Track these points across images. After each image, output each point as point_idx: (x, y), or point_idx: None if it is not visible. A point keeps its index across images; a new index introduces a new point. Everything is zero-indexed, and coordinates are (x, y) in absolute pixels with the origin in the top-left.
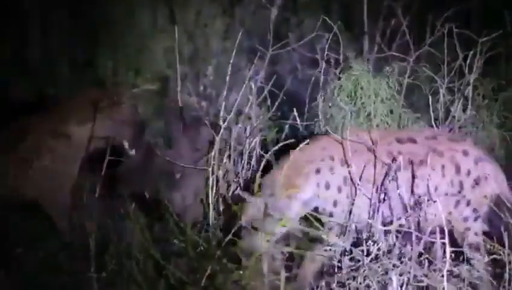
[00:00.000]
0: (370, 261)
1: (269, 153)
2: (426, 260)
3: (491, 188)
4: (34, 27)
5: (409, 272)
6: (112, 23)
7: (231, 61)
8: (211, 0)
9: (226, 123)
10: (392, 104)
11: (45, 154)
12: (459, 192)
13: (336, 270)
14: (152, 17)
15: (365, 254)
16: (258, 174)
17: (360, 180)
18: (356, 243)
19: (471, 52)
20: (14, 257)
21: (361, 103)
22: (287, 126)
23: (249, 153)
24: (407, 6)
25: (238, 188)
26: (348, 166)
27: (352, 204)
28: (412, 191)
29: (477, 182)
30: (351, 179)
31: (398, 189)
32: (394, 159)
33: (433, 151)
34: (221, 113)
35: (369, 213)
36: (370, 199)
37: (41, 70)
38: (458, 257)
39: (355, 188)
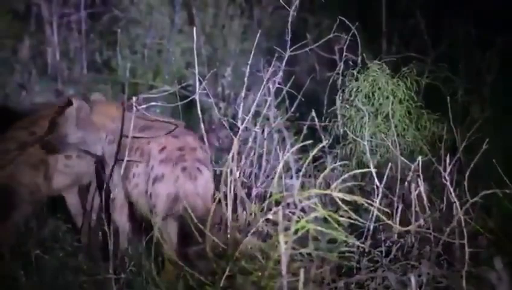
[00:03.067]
0: (389, 262)
1: (287, 153)
2: (445, 261)
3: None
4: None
5: (428, 273)
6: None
7: (249, 62)
8: (229, 2)
9: (244, 124)
10: (410, 105)
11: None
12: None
13: (355, 271)
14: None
15: (384, 254)
16: None
17: None
18: (375, 244)
19: (489, 53)
20: (33, 258)
21: (379, 104)
22: (305, 127)
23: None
24: (425, 7)
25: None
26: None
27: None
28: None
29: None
30: None
31: None
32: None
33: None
34: (239, 114)
35: None
36: None
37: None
38: (477, 257)
39: None
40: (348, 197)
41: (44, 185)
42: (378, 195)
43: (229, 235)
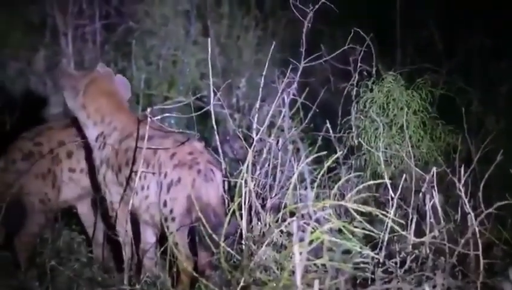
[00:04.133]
0: (403, 273)
1: (302, 164)
2: (460, 272)
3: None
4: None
5: (443, 284)
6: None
7: (264, 73)
8: (244, 14)
9: (258, 135)
10: (425, 115)
11: None
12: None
13: (369, 282)
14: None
15: (398, 265)
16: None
17: None
18: (389, 255)
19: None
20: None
21: (394, 115)
22: (319, 138)
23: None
24: (439, 17)
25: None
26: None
27: None
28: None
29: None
30: None
31: None
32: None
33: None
34: (254, 125)
35: None
36: None
37: None
38: (492, 268)
39: None
40: (362, 208)
41: (53, 195)
42: (392, 206)
43: (243, 246)
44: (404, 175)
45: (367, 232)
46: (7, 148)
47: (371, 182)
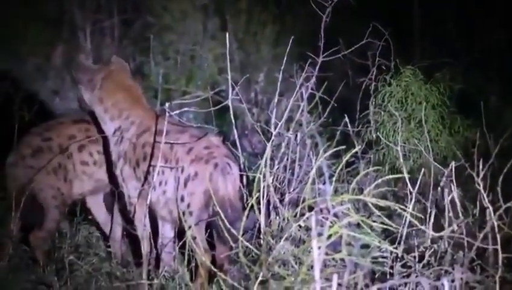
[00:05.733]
0: (422, 267)
1: (320, 159)
2: (478, 266)
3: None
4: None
5: (461, 279)
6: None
7: (282, 67)
8: (262, 8)
9: (277, 130)
10: (443, 110)
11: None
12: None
13: (388, 276)
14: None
15: (417, 260)
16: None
17: None
18: (408, 249)
19: None
20: (66, 264)
21: (412, 109)
22: (338, 132)
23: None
24: (459, 12)
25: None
26: None
27: None
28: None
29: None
30: None
31: None
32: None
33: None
34: (272, 120)
35: None
36: None
37: None
38: (510, 263)
39: None
40: (381, 203)
41: (65, 189)
42: (411, 200)
43: (262, 241)
44: (423, 169)
45: (385, 226)
46: (17, 143)
47: (390, 176)
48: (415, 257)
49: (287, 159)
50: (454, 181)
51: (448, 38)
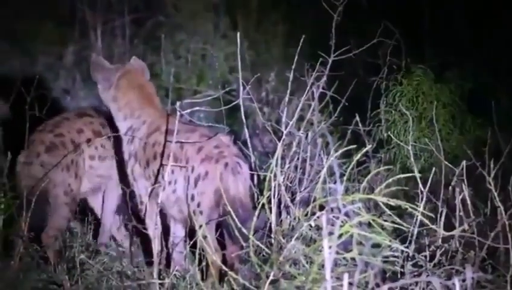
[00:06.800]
0: (433, 266)
1: (331, 158)
2: (489, 266)
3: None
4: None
5: (472, 278)
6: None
7: (293, 67)
8: (273, 7)
9: (288, 129)
10: (454, 109)
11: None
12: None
13: (399, 275)
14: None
15: (428, 259)
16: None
17: None
18: (419, 249)
19: None
20: (77, 263)
21: (423, 108)
22: (349, 131)
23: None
24: (469, 12)
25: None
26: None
27: None
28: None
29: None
30: None
31: None
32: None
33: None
34: (283, 119)
35: None
36: None
37: None
38: None
39: None
40: (392, 202)
41: (75, 185)
42: (422, 200)
43: (273, 240)
44: (434, 169)
45: (396, 225)
46: (28, 142)
47: (401, 175)
48: (426, 257)
49: (298, 159)
50: (465, 180)
51: (458, 37)
